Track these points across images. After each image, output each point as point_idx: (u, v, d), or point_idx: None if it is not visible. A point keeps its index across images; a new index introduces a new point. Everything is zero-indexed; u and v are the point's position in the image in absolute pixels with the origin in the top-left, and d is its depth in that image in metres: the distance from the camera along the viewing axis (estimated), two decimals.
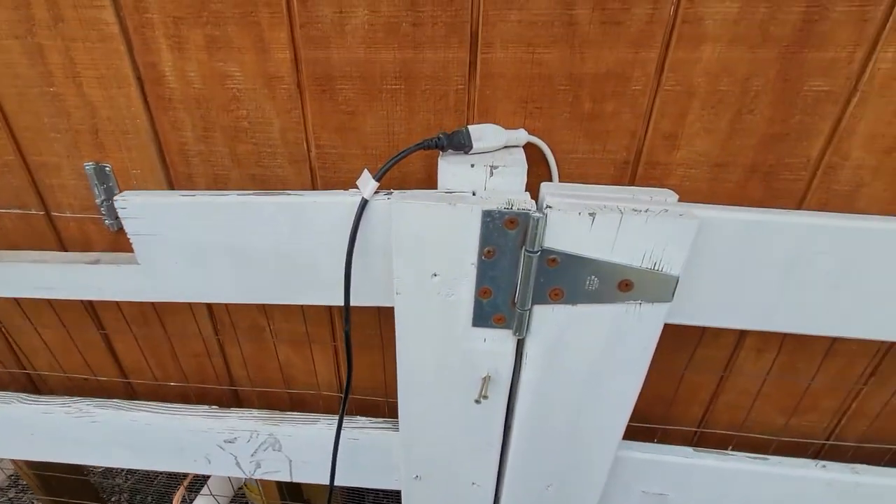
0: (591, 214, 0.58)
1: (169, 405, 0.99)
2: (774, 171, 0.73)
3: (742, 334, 0.89)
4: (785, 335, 0.88)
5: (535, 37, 0.66)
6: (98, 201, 0.86)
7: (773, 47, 0.64)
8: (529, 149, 0.73)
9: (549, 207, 0.59)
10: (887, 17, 0.61)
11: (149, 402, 1.00)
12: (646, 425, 0.98)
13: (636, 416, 0.96)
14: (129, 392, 1.10)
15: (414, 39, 0.68)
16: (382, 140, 0.76)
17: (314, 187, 0.81)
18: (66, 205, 0.90)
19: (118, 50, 0.73)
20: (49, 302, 0.97)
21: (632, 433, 0.94)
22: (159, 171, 0.83)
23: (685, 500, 0.90)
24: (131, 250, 0.78)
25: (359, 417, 0.95)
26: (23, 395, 1.02)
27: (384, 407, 1.00)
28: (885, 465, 0.90)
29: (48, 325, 1.02)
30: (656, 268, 0.60)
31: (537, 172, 0.75)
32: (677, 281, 0.61)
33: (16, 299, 0.96)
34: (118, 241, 0.90)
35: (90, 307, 1.00)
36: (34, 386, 1.12)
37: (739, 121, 0.70)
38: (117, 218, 0.88)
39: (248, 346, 1.01)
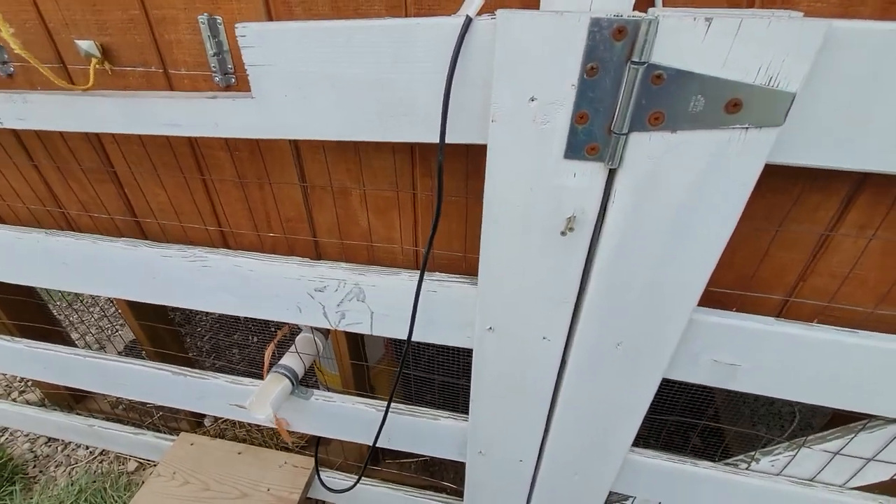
0: (707, 20, 0.55)
1: (266, 254, 1.10)
2: None
3: (845, 207, 0.84)
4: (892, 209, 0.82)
5: None
6: (210, 55, 0.93)
7: None
8: None
9: (663, 15, 0.57)
10: None
11: (250, 251, 1.12)
12: (722, 290, 0.97)
13: (716, 290, 0.95)
14: (228, 246, 1.23)
15: None
16: None
17: None
18: (181, 62, 0.98)
19: None
20: (172, 150, 1.08)
21: (708, 302, 0.94)
22: (265, 20, 0.88)
23: (758, 371, 0.90)
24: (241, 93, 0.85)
25: (438, 273, 1.01)
26: (148, 241, 1.17)
27: (462, 264, 1.05)
28: None
29: (167, 181, 1.14)
30: (772, 83, 0.58)
31: (642, 5, 0.72)
32: (793, 99, 0.58)
33: (145, 147, 1.08)
34: None
35: (199, 168, 1.11)
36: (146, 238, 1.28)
37: None
38: (226, 73, 0.95)
39: (337, 209, 1.09)
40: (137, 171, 1.15)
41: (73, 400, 2.13)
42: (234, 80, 0.96)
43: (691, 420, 1.66)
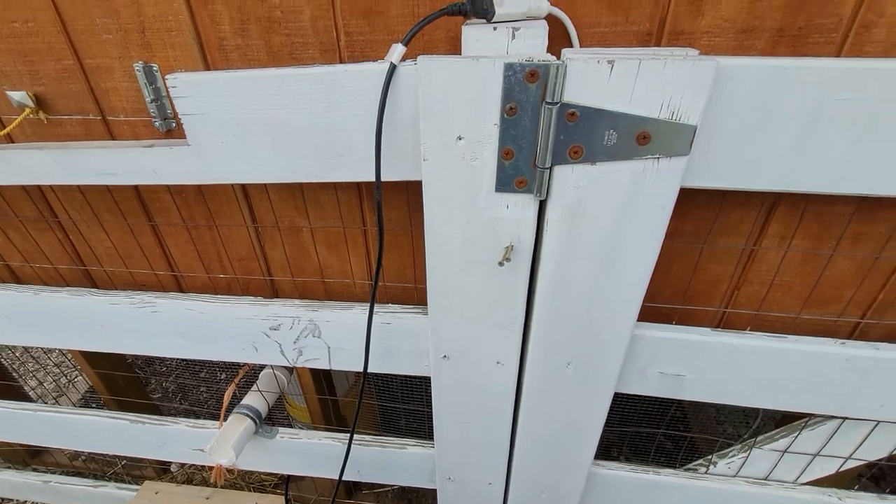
0: (609, 62, 0.59)
1: (218, 296, 1.09)
2: (803, 33, 0.72)
3: (766, 220, 0.90)
4: (811, 219, 0.88)
5: None
6: (148, 101, 0.93)
7: None
8: (552, 22, 0.74)
9: (569, 59, 0.61)
10: None
11: (202, 294, 1.10)
12: (662, 305, 1.01)
13: (656, 306, 1.00)
14: (181, 289, 1.21)
15: None
16: (408, 23, 0.79)
17: None
18: (119, 108, 0.98)
19: None
20: (113, 199, 1.06)
21: (651, 318, 0.98)
22: (201, 67, 0.89)
23: (702, 380, 0.94)
24: (178, 140, 0.85)
25: (391, 304, 1.02)
26: (93, 290, 1.14)
27: (414, 295, 1.06)
28: None
29: (111, 227, 1.12)
30: (674, 118, 0.62)
31: (561, 46, 0.77)
32: (695, 131, 0.62)
33: (85, 197, 1.06)
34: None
35: (145, 210, 1.09)
36: (95, 286, 1.25)
37: None
38: (166, 118, 0.96)
39: (288, 247, 1.09)
40: (80, 219, 1.13)
41: (28, 455, 2.02)
42: (174, 124, 0.96)
43: (654, 430, 1.70)
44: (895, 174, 0.67)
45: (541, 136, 0.66)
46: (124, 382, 1.68)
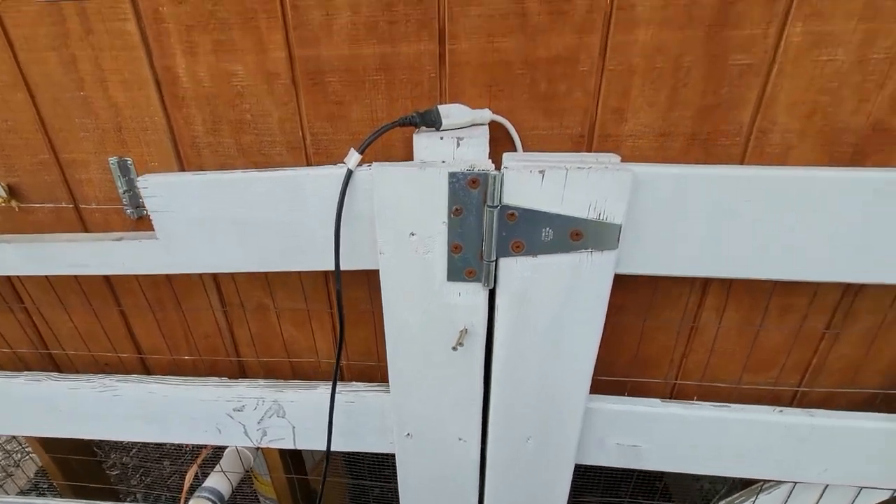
0: (540, 172, 0.67)
1: (182, 377, 1.09)
2: (712, 137, 0.82)
3: (702, 294, 0.97)
4: (741, 293, 0.95)
5: (493, 28, 0.78)
6: (121, 192, 0.97)
7: (697, 27, 0.75)
8: (496, 127, 0.83)
9: (506, 168, 0.68)
10: (792, 5, 0.72)
11: (165, 376, 1.10)
12: (617, 378, 1.06)
13: (612, 379, 1.04)
14: (146, 371, 1.20)
15: (390, 36, 0.80)
16: (368, 126, 0.87)
17: None
18: (92, 197, 1.02)
19: (139, 57, 0.86)
20: (79, 284, 1.08)
21: (608, 389, 1.02)
22: (174, 162, 0.95)
23: (657, 450, 0.97)
24: (147, 232, 0.89)
25: (355, 383, 1.04)
26: (52, 374, 1.12)
27: (377, 373, 1.08)
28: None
29: (75, 309, 1.13)
30: (601, 217, 0.69)
31: (504, 148, 0.86)
32: (620, 229, 0.70)
33: (50, 283, 1.07)
34: (137, 229, 1.01)
35: (113, 293, 1.11)
36: (58, 368, 1.23)
37: (676, 94, 0.79)
38: (137, 206, 1.00)
39: (254, 325, 1.11)
40: (45, 302, 1.13)
41: None
42: (145, 212, 1.00)
43: (630, 502, 1.69)
44: (791, 261, 0.75)
45: (485, 233, 0.72)
46: (80, 465, 1.60)
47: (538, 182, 0.68)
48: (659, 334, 1.03)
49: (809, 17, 0.72)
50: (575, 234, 0.71)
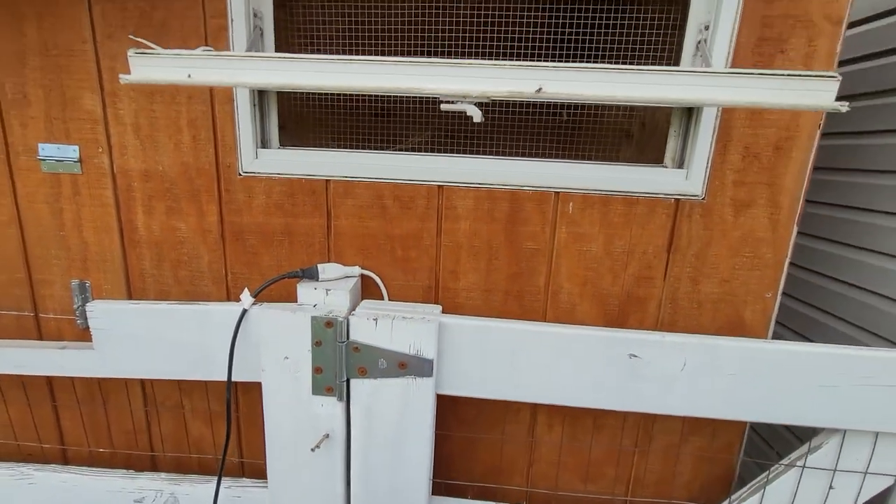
0: (374, 319, 0.96)
1: (93, 468, 1.24)
2: (521, 295, 1.14)
3: (533, 411, 1.22)
4: (564, 413, 1.21)
5: (363, 213, 1.12)
6: (75, 307, 1.23)
7: (498, 223, 1.10)
8: (368, 280, 1.14)
9: (353, 314, 0.97)
10: (556, 211, 1.08)
11: (78, 466, 1.25)
12: (475, 484, 1.25)
13: (472, 483, 1.24)
14: (66, 462, 1.34)
15: (293, 212, 1.13)
16: (274, 270, 1.17)
17: (229, 299, 1.20)
18: (50, 309, 1.26)
19: (110, 213, 1.17)
20: (21, 380, 1.27)
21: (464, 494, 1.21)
22: (123, 286, 1.22)
23: None
24: (85, 343, 1.13)
25: (244, 479, 1.21)
26: None
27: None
28: None
29: (13, 402, 1.31)
30: (419, 353, 0.97)
31: (376, 294, 1.16)
32: (433, 362, 0.97)
33: None
34: (83, 336, 1.25)
35: (50, 389, 1.30)
36: None
37: (491, 264, 1.13)
38: (86, 318, 1.24)
39: (170, 423, 1.30)
40: None
41: None
42: None
43: None
44: (581, 392, 1.02)
45: (338, 360, 0.99)
46: None
47: (373, 326, 0.96)
48: (507, 446, 1.26)
49: (569, 224, 1.08)
50: (401, 365, 0.98)
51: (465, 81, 0.64)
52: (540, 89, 0.63)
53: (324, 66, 0.66)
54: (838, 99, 0.63)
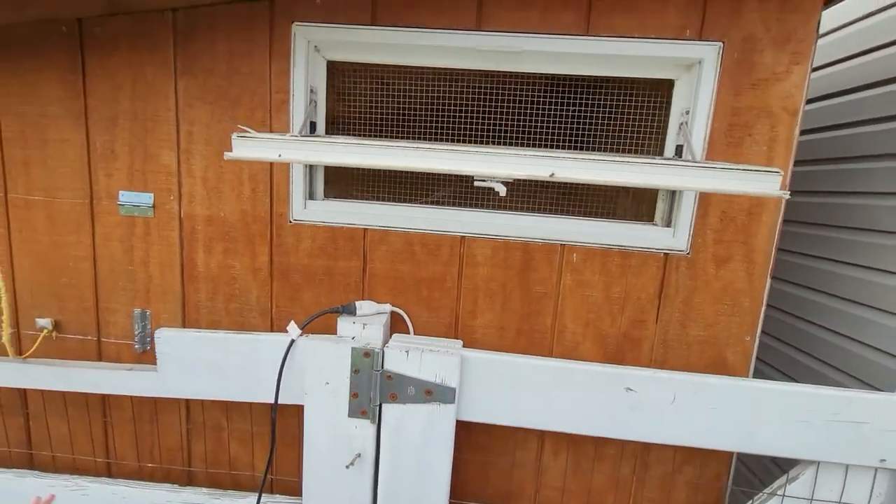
0: (406, 351, 1.12)
1: (140, 482, 1.37)
2: (530, 332, 1.30)
3: (540, 439, 1.35)
4: (568, 441, 1.34)
5: (395, 258, 1.29)
6: (136, 333, 1.39)
7: (513, 269, 1.27)
8: (397, 315, 1.31)
9: (387, 347, 1.13)
10: (562, 260, 1.25)
11: (127, 479, 1.38)
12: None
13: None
14: (111, 475, 1.47)
15: (334, 255, 1.31)
16: (315, 306, 1.34)
17: (272, 329, 1.36)
18: (112, 334, 1.43)
19: (175, 251, 1.35)
20: (85, 398, 1.42)
21: None
22: (179, 315, 1.39)
23: None
24: (149, 365, 1.29)
25: (278, 495, 1.34)
26: (35, 472, 1.39)
27: (300, 487, 1.38)
28: None
29: (73, 417, 1.45)
30: (444, 382, 1.12)
31: (403, 329, 1.32)
32: (455, 391, 1.12)
33: (64, 397, 1.41)
34: (139, 359, 1.40)
35: (105, 407, 1.44)
36: (33, 467, 1.49)
37: (505, 305, 1.29)
38: (143, 344, 1.40)
39: (209, 442, 1.44)
40: (52, 410, 1.46)
41: None
42: (148, 347, 1.40)
43: None
44: (583, 420, 1.16)
45: (373, 387, 1.14)
46: None
47: (405, 357, 1.12)
48: (516, 471, 1.38)
49: (573, 272, 1.25)
50: (428, 392, 1.13)
51: (494, 166, 0.83)
52: (552, 174, 0.81)
53: (383, 151, 0.85)
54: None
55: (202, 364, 1.23)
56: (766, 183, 0.78)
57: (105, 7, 1.24)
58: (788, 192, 0.78)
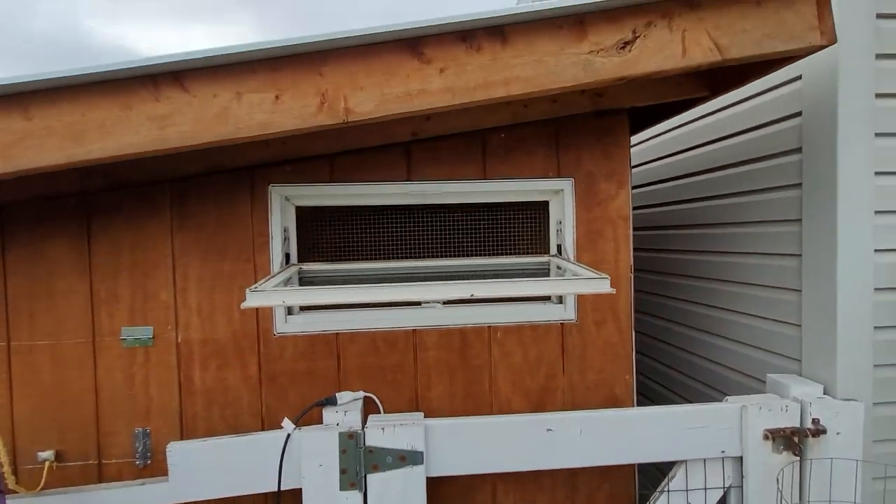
0: (381, 428, 1.46)
1: None
2: (474, 396, 1.68)
3: (493, 482, 1.70)
4: (514, 480, 1.70)
5: (363, 352, 1.65)
6: (137, 450, 1.59)
7: (455, 351, 1.67)
8: (369, 399, 1.64)
9: (367, 427, 1.46)
10: (490, 338, 1.68)
11: None
12: None
13: None
14: None
15: (313, 357, 1.64)
16: (299, 401, 1.64)
17: (263, 427, 1.63)
18: (113, 455, 1.61)
19: (173, 372, 1.60)
20: None
21: None
22: (177, 428, 1.61)
23: None
24: (160, 477, 1.50)
25: None
26: None
27: None
28: None
29: None
30: (413, 448, 1.46)
31: (375, 410, 1.65)
32: (423, 454, 1.47)
33: None
34: (141, 474, 1.59)
35: None
36: None
37: (451, 379, 1.68)
38: (145, 458, 1.60)
39: None
40: None
41: None
42: (149, 461, 1.60)
43: None
44: (520, 458, 1.54)
45: (358, 462, 1.45)
46: None
47: (381, 433, 1.46)
48: None
49: (499, 345, 1.68)
50: (402, 458, 1.46)
51: (433, 294, 1.25)
52: (472, 295, 1.24)
53: (355, 291, 1.24)
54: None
55: (210, 468, 1.47)
56: (601, 283, 1.26)
57: (105, 185, 1.55)
58: (613, 290, 1.27)
